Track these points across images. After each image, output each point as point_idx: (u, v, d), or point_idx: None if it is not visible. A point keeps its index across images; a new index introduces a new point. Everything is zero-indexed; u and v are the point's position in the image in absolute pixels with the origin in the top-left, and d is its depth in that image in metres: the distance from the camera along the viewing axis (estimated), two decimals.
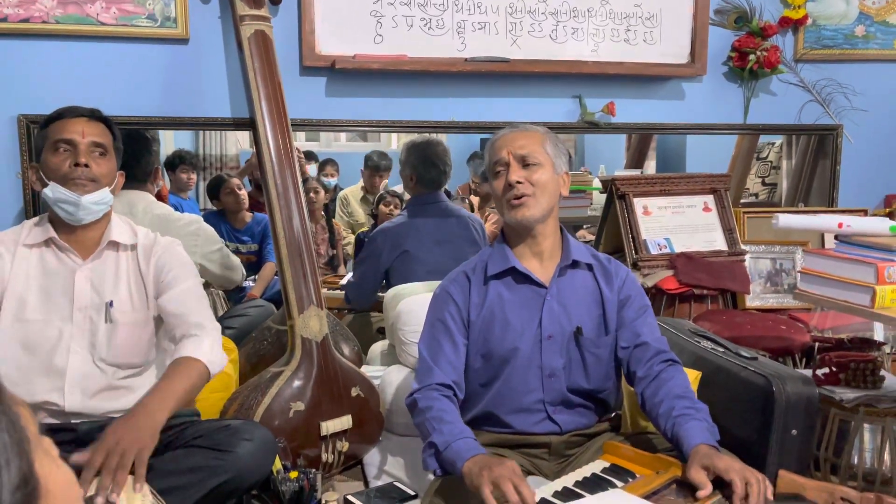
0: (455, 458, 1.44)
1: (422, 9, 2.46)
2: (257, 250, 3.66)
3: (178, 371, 1.59)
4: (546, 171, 1.64)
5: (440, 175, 2.85)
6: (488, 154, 1.70)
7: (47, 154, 1.67)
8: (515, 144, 1.65)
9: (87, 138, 1.66)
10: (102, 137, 1.70)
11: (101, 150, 1.69)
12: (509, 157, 1.64)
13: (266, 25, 2.20)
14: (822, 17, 2.86)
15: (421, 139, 2.88)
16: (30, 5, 2.16)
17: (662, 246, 2.60)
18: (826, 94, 2.89)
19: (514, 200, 1.62)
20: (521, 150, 1.64)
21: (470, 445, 1.46)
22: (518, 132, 1.68)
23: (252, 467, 1.63)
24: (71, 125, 1.67)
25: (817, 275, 1.66)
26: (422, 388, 1.61)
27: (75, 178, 1.64)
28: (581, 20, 2.61)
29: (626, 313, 1.67)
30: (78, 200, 1.64)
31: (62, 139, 1.66)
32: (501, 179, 1.64)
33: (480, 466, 1.37)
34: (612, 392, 1.73)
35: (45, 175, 1.66)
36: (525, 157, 1.63)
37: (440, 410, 1.54)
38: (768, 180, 3.72)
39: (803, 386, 1.62)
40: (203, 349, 1.64)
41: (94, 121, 1.70)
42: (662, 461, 1.50)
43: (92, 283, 1.70)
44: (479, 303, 1.66)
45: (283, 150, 2.14)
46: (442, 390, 1.60)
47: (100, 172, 1.67)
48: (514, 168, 1.63)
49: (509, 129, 1.71)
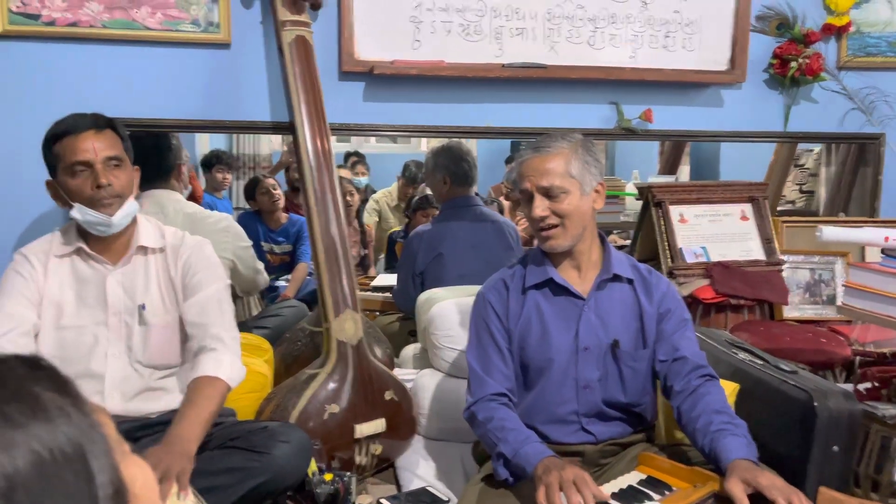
0: (525, 463, 1.46)
1: (460, 15, 2.47)
2: (291, 251, 3.71)
3: (200, 395, 1.59)
4: (573, 198, 1.59)
5: (471, 169, 2.87)
6: (515, 173, 1.66)
7: (65, 177, 1.64)
8: (538, 175, 1.58)
9: (100, 155, 1.63)
10: (114, 148, 1.66)
11: (116, 162, 1.66)
12: (532, 189, 1.59)
13: (307, 31, 2.23)
14: (865, 24, 2.81)
15: (443, 144, 2.91)
16: (77, 10, 2.21)
17: (699, 254, 2.58)
18: (869, 102, 2.84)
19: (542, 233, 1.60)
20: (543, 181, 1.58)
21: (538, 449, 1.47)
22: (540, 157, 1.60)
23: (288, 469, 1.65)
24: (81, 143, 1.63)
25: (862, 289, 1.63)
26: (477, 401, 1.62)
27: (101, 199, 1.63)
28: (619, 26, 2.60)
29: (665, 326, 1.65)
30: (109, 221, 1.65)
31: (77, 161, 1.62)
32: (528, 208, 1.62)
33: (543, 470, 1.39)
34: (649, 406, 1.72)
35: (68, 196, 1.65)
36: (548, 190, 1.58)
37: (501, 419, 1.55)
38: (806, 188, 3.66)
39: (845, 401, 1.59)
40: (223, 367, 1.64)
41: (101, 132, 1.65)
42: (700, 474, 1.49)
43: (124, 288, 1.72)
44: (516, 312, 1.66)
45: (321, 154, 2.16)
46: (498, 399, 1.61)
47: (121, 186, 1.66)
48: (537, 201, 1.58)
49: (533, 150, 1.62)
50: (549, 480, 1.35)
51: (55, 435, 0.50)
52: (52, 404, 0.51)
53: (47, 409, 0.51)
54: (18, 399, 0.50)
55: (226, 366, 1.65)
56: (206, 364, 1.64)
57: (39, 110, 2.23)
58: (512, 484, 1.52)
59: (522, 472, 1.47)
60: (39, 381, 0.52)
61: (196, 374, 1.63)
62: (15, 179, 2.25)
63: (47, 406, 0.51)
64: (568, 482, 1.34)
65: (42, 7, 2.18)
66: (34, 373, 0.52)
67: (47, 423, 0.50)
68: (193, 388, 1.61)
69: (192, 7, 2.27)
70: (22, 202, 2.25)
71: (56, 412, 0.51)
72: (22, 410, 0.50)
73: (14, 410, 0.49)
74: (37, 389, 0.51)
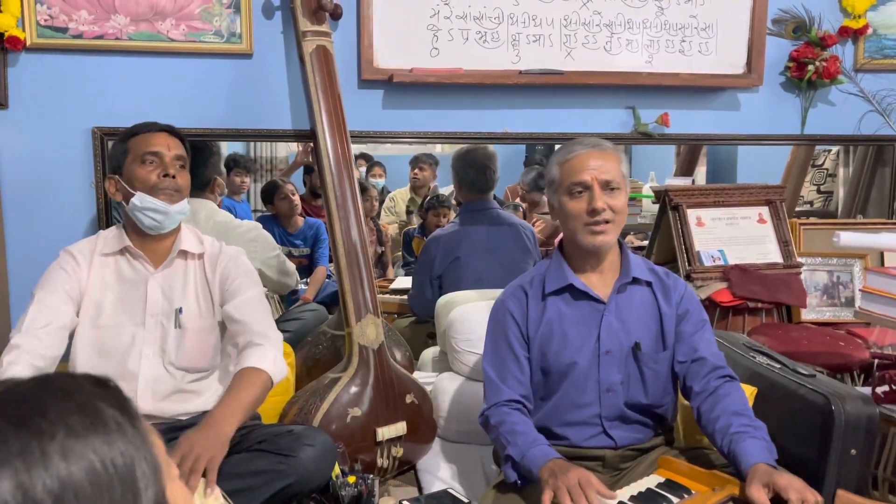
0: (531, 465, 1.49)
1: (477, 22, 2.50)
2: (309, 254, 3.74)
3: (244, 383, 1.65)
4: (623, 196, 1.63)
5: (479, 177, 2.86)
6: (561, 170, 1.64)
7: (133, 166, 1.75)
8: (598, 167, 1.60)
9: (172, 151, 1.77)
10: (182, 151, 1.80)
11: (182, 162, 1.79)
12: (593, 181, 1.59)
13: (327, 41, 2.27)
14: (882, 27, 2.81)
15: (465, 147, 2.92)
16: (104, 22, 2.26)
17: (716, 258, 2.59)
18: (887, 104, 2.84)
19: (597, 227, 1.60)
20: (605, 174, 1.59)
21: (544, 452, 1.50)
22: (598, 152, 1.62)
23: (314, 472, 1.69)
24: (155, 139, 1.77)
25: (879, 293, 1.64)
26: (491, 407, 1.65)
27: (165, 189, 1.74)
28: (635, 31, 2.62)
29: (683, 328, 1.67)
30: (168, 209, 1.74)
31: (149, 152, 1.75)
32: (581, 202, 1.60)
33: (549, 473, 1.42)
34: (670, 407, 1.74)
35: (130, 186, 1.74)
36: (609, 183, 1.60)
37: (512, 423, 1.59)
38: (824, 188, 3.65)
39: (864, 406, 1.60)
40: (267, 360, 1.70)
41: (173, 135, 1.81)
42: (718, 478, 1.50)
43: (163, 291, 1.78)
44: (537, 318, 1.68)
45: (342, 161, 2.20)
46: (511, 405, 1.64)
47: (183, 184, 1.78)
48: (598, 194, 1.59)
49: (584, 146, 1.64)
50: (556, 484, 1.37)
51: (111, 449, 0.54)
52: (112, 420, 0.55)
53: (107, 424, 0.55)
54: (82, 412, 0.55)
55: (269, 360, 1.71)
56: (251, 357, 1.70)
57: (67, 120, 2.30)
58: (521, 486, 1.54)
59: (529, 475, 1.50)
60: (104, 398, 0.56)
61: (240, 366, 1.70)
62: (47, 186, 2.31)
63: (107, 421, 0.55)
64: (573, 485, 1.36)
65: (69, 20, 2.24)
66: (100, 390, 0.57)
67: (105, 437, 0.54)
68: (237, 377, 1.67)
69: (215, 18, 2.32)
70: (51, 208, 2.32)
71: (114, 427, 0.55)
72: (84, 423, 0.54)
73: (77, 422, 0.54)
74: (101, 405, 0.56)
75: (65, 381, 0.57)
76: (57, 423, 0.53)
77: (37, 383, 0.56)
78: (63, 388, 0.56)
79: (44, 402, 0.54)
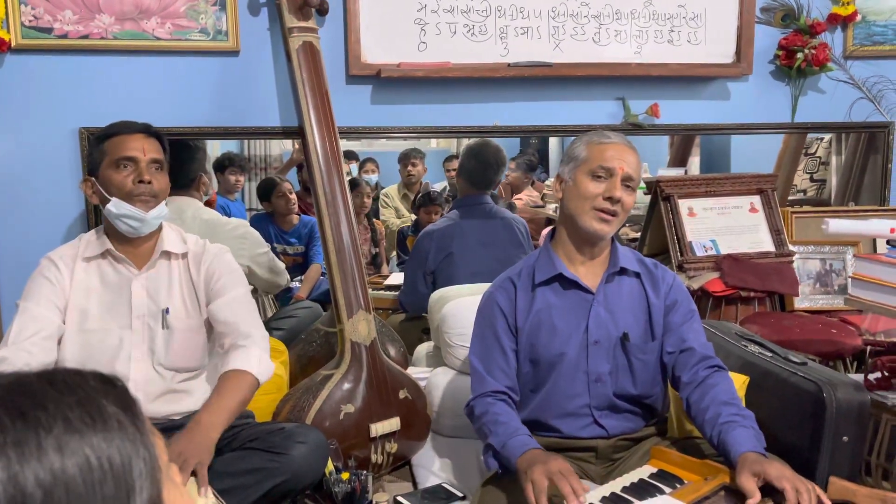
0: (510, 455, 1.50)
1: (465, 15, 2.49)
2: (303, 252, 3.74)
3: (228, 386, 1.64)
4: (634, 196, 1.66)
5: (486, 173, 2.88)
6: (590, 151, 1.64)
7: (108, 171, 1.72)
8: (628, 161, 1.63)
9: (147, 155, 1.73)
10: (159, 153, 1.76)
11: (158, 165, 1.75)
12: (620, 171, 1.61)
13: (314, 37, 2.25)
14: (871, 13, 2.80)
15: (477, 142, 2.92)
16: (89, 22, 2.25)
17: (708, 248, 2.59)
18: (877, 91, 2.83)
19: (605, 214, 1.62)
20: (632, 170, 1.63)
21: (523, 441, 1.51)
22: (629, 148, 1.66)
23: (306, 469, 1.69)
24: (131, 142, 1.73)
25: (869, 280, 1.64)
26: (476, 397, 1.66)
27: (140, 195, 1.70)
28: (624, 22, 2.61)
29: (672, 318, 1.68)
30: (143, 217, 1.71)
31: (124, 157, 1.72)
32: (600, 186, 1.61)
33: (529, 463, 1.41)
34: (659, 398, 1.74)
35: (106, 190, 1.72)
36: (631, 177, 1.63)
37: (495, 414, 1.59)
38: (817, 176, 3.65)
39: (855, 392, 1.60)
40: (252, 361, 1.70)
41: (150, 137, 1.76)
42: (710, 467, 1.51)
43: (148, 292, 1.77)
44: (525, 309, 1.68)
45: (331, 157, 2.19)
46: (496, 395, 1.64)
47: (160, 188, 1.74)
48: (618, 184, 1.61)
49: (617, 137, 1.67)
50: (535, 476, 1.37)
51: (108, 446, 0.54)
52: (113, 418, 0.55)
53: (107, 421, 0.55)
54: (83, 407, 0.54)
55: (254, 360, 1.70)
56: (235, 359, 1.69)
57: (54, 121, 2.29)
58: (500, 476, 1.56)
59: (508, 464, 1.51)
60: (108, 395, 0.56)
61: (225, 368, 1.69)
62: (35, 187, 2.30)
63: (108, 419, 0.55)
64: (555, 472, 1.36)
65: (54, 21, 2.23)
66: (105, 387, 0.57)
67: (105, 434, 0.54)
68: (221, 380, 1.67)
69: (201, 16, 2.31)
70: (36, 208, 2.31)
71: (115, 426, 0.55)
72: (83, 418, 0.54)
73: (76, 417, 0.54)
74: (103, 402, 0.56)
75: (70, 376, 0.57)
76: (55, 416, 0.53)
77: (41, 376, 0.56)
78: (66, 382, 0.56)
79: (46, 394, 0.54)
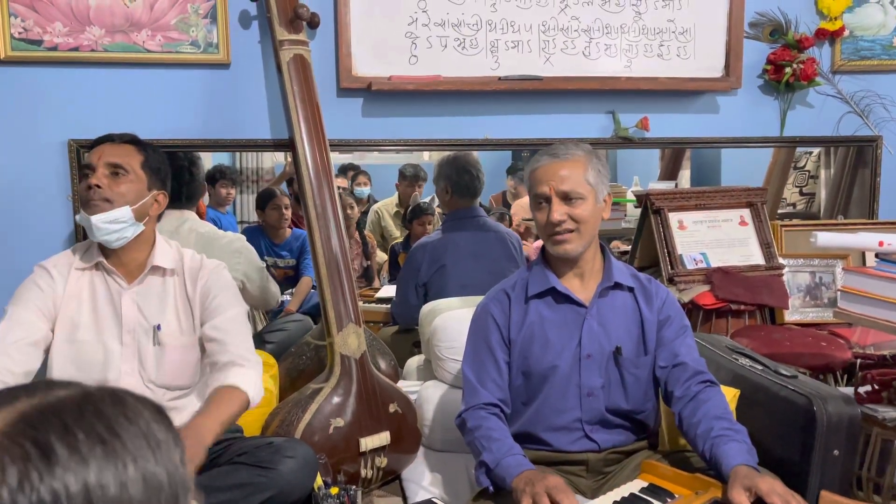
0: (504, 474, 1.48)
1: (456, 29, 2.50)
2: (295, 265, 3.72)
3: (225, 398, 1.62)
4: (588, 205, 1.60)
5: (473, 181, 2.88)
6: (529, 180, 1.66)
7: (80, 183, 1.78)
8: (557, 178, 1.59)
9: (102, 160, 1.70)
10: (122, 158, 1.71)
11: (117, 170, 1.70)
12: (551, 192, 1.59)
13: (304, 49, 2.26)
14: (859, 28, 2.83)
15: (451, 154, 2.92)
16: (79, 34, 2.24)
17: (698, 261, 2.59)
18: (864, 105, 2.86)
19: (557, 237, 1.60)
20: (564, 185, 1.59)
21: (518, 461, 1.50)
22: (560, 161, 1.61)
23: (294, 484, 1.67)
24: (94, 152, 1.74)
25: (858, 293, 1.64)
26: (469, 409, 1.65)
27: (90, 200, 1.68)
28: (614, 36, 2.62)
29: (665, 333, 1.68)
30: (88, 221, 1.67)
31: (84, 165, 1.75)
32: (543, 213, 1.61)
33: (525, 482, 1.41)
34: (651, 414, 1.74)
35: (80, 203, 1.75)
36: (567, 193, 1.59)
37: (488, 429, 1.58)
38: (806, 190, 3.67)
39: (845, 406, 1.61)
40: (249, 381, 1.68)
41: (119, 144, 1.74)
42: (701, 481, 1.50)
43: (138, 307, 1.75)
44: (519, 321, 1.68)
45: (321, 170, 2.19)
46: (489, 409, 1.63)
47: (116, 192, 1.68)
48: (556, 205, 1.58)
49: (550, 156, 1.63)
50: (534, 490, 1.37)
51: (160, 469, 0.59)
52: (164, 444, 0.60)
53: (162, 448, 0.60)
54: (146, 438, 0.59)
55: (251, 382, 1.69)
56: (234, 375, 1.67)
57: (43, 134, 2.28)
58: (492, 493, 1.54)
59: (502, 483, 1.50)
60: (160, 422, 0.61)
61: (220, 383, 1.65)
62: (23, 199, 2.29)
63: (161, 447, 0.60)
64: (553, 487, 1.37)
65: (44, 33, 2.22)
66: (158, 416, 0.62)
67: (157, 459, 0.59)
68: (216, 392, 1.64)
69: (192, 29, 2.31)
70: (27, 222, 2.29)
71: (166, 452, 0.60)
72: (145, 448, 0.58)
73: (140, 446, 0.58)
74: (156, 428, 0.60)
75: (134, 401, 0.61)
76: (127, 446, 0.57)
77: (112, 399, 0.60)
78: (135, 409, 0.60)
79: (118, 422, 0.58)
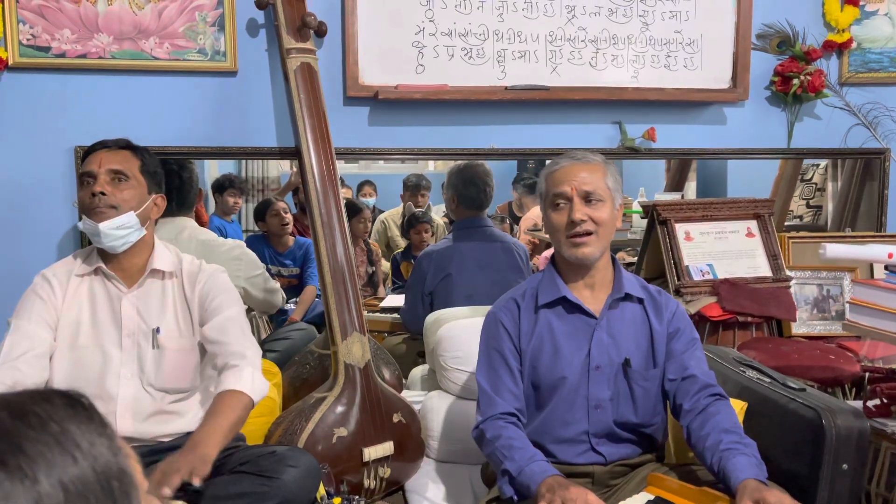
0: (529, 481, 1.47)
1: (463, 39, 2.50)
2: (298, 274, 3.72)
3: (224, 406, 1.62)
4: (607, 208, 1.61)
5: (479, 194, 2.87)
6: (545, 183, 1.65)
7: (79, 190, 1.76)
8: (579, 178, 1.60)
9: (104, 167, 1.71)
10: (122, 164, 1.73)
11: (119, 176, 1.72)
12: (573, 192, 1.59)
13: (311, 58, 2.26)
14: (867, 41, 2.83)
15: (463, 163, 2.92)
16: (87, 41, 2.25)
17: (705, 272, 2.57)
18: (872, 117, 2.85)
19: (577, 238, 1.59)
20: (586, 185, 1.59)
21: (543, 468, 1.48)
22: (581, 164, 1.62)
23: (297, 493, 1.65)
24: (92, 158, 1.74)
25: (867, 305, 1.63)
26: (486, 420, 1.62)
27: (95, 208, 1.69)
28: (621, 47, 2.62)
29: (674, 346, 1.66)
30: (96, 228, 1.68)
31: (84, 172, 1.74)
32: (562, 214, 1.60)
33: (549, 488, 1.39)
34: (660, 429, 1.72)
35: (81, 210, 1.74)
36: (589, 194, 1.59)
37: (508, 438, 1.56)
38: (813, 202, 3.65)
39: (854, 419, 1.59)
40: (244, 380, 1.68)
41: (116, 150, 1.75)
42: (709, 495, 1.48)
43: (138, 310, 1.75)
44: (528, 331, 1.67)
45: (327, 178, 2.19)
46: (507, 418, 1.61)
47: (120, 198, 1.70)
48: (577, 205, 1.58)
49: (569, 158, 1.64)
50: (553, 498, 1.36)
51: (86, 473, 0.53)
52: (88, 446, 0.54)
53: (83, 450, 0.54)
54: (60, 445, 0.54)
55: (247, 380, 1.68)
56: (229, 379, 1.68)
57: (50, 140, 2.28)
58: (516, 502, 1.52)
59: (527, 491, 1.48)
60: (80, 423, 0.55)
61: (219, 389, 1.67)
62: (30, 205, 2.29)
63: (84, 448, 0.54)
64: (573, 499, 1.35)
65: (52, 39, 2.23)
66: (75, 412, 0.56)
67: (82, 462, 0.54)
68: (216, 400, 1.65)
69: (199, 37, 2.31)
70: (34, 227, 2.30)
71: (90, 453, 0.54)
72: (62, 456, 0.53)
73: (55, 454, 0.53)
74: (76, 431, 0.55)
75: (39, 407, 0.55)
76: (35, 459, 0.52)
77: (12, 413, 0.54)
78: (38, 416, 0.54)
79: (21, 435, 0.53)
